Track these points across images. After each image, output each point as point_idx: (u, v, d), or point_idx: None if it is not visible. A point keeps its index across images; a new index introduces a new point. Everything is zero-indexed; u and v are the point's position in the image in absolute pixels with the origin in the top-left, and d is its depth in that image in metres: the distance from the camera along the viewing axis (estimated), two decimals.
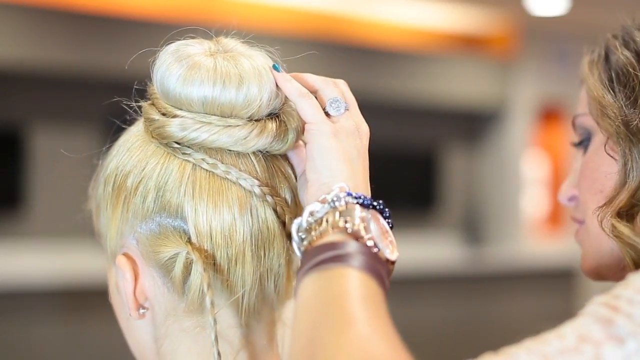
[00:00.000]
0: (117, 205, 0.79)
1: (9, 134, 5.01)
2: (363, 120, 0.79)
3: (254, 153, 0.77)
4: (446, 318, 5.94)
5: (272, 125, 0.77)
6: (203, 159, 0.75)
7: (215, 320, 0.73)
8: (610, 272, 0.93)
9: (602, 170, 0.90)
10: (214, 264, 0.75)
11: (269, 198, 0.76)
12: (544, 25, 6.55)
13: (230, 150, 0.76)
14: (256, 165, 0.77)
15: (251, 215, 0.75)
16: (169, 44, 0.79)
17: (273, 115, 0.79)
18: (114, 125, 0.84)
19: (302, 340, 0.64)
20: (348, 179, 0.72)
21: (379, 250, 0.69)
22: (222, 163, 0.76)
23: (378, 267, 0.68)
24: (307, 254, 0.69)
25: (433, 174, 6.68)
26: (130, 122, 0.83)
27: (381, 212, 0.73)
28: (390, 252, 0.70)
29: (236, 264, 0.75)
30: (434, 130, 6.75)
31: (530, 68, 6.76)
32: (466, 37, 6.73)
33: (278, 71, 0.79)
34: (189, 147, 0.76)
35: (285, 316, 0.83)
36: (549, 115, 7.07)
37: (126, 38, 4.90)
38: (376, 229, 0.70)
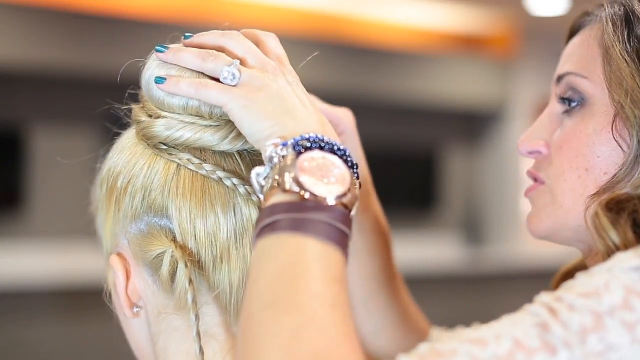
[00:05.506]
0: (110, 206, 0.80)
1: (9, 134, 5.01)
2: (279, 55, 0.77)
3: (238, 152, 0.78)
4: (446, 318, 5.90)
5: None
6: (189, 159, 0.76)
7: (197, 317, 0.74)
8: (565, 241, 0.89)
9: (596, 149, 0.82)
10: (199, 262, 0.76)
11: (253, 197, 0.76)
12: (544, 25, 6.55)
13: (214, 150, 0.77)
14: (241, 164, 0.77)
15: (234, 213, 0.76)
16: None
17: None
18: (113, 126, 0.85)
19: (244, 313, 0.63)
20: (279, 129, 0.70)
21: (316, 196, 0.66)
22: (207, 163, 0.76)
23: (315, 219, 0.65)
24: (260, 213, 0.68)
25: (433, 174, 6.68)
26: (128, 125, 0.84)
27: (321, 147, 0.69)
28: (330, 192, 0.67)
29: (221, 262, 0.76)
30: (434, 130, 6.75)
31: (530, 68, 6.76)
32: (466, 37, 6.73)
33: (162, 52, 0.76)
34: (174, 147, 0.77)
35: None
36: None
37: (127, 38, 4.90)
38: (309, 180, 0.67)
